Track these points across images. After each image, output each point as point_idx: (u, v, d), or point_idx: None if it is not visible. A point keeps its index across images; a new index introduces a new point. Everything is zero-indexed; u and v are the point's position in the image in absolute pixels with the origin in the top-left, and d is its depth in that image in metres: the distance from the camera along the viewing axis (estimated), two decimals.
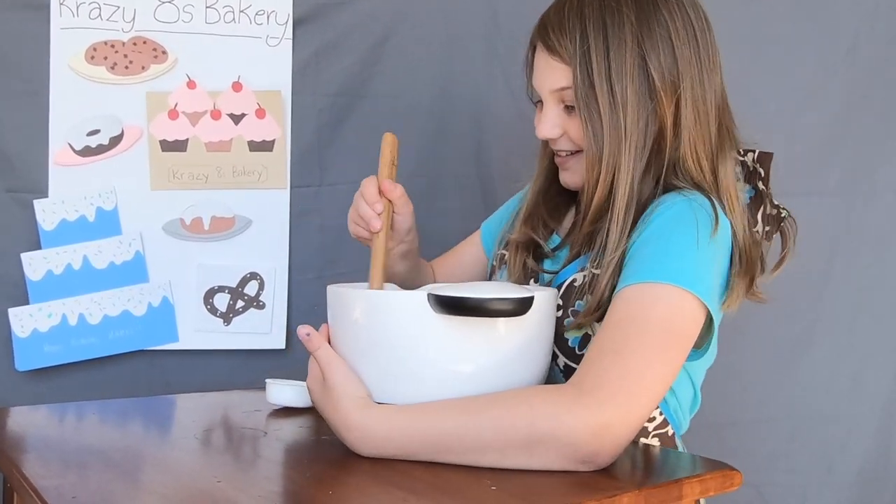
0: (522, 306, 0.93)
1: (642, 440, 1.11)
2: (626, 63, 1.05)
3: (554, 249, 1.19)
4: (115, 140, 1.50)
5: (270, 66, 1.54)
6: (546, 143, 1.18)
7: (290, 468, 0.99)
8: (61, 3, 1.47)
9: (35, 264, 1.47)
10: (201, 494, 0.85)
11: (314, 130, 1.57)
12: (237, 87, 1.52)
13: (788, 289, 1.66)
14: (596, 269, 1.06)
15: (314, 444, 1.07)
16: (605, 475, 0.93)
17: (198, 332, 1.54)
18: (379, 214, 1.12)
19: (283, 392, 1.21)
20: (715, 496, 0.94)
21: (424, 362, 0.96)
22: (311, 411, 1.20)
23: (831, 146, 1.69)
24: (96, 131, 1.49)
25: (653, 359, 0.94)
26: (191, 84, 1.51)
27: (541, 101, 1.14)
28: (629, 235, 1.04)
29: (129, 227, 1.51)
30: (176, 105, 1.50)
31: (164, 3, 1.51)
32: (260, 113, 1.53)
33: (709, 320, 1.02)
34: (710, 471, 0.93)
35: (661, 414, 1.11)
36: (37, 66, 1.47)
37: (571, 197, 1.22)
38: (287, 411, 1.20)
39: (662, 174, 1.08)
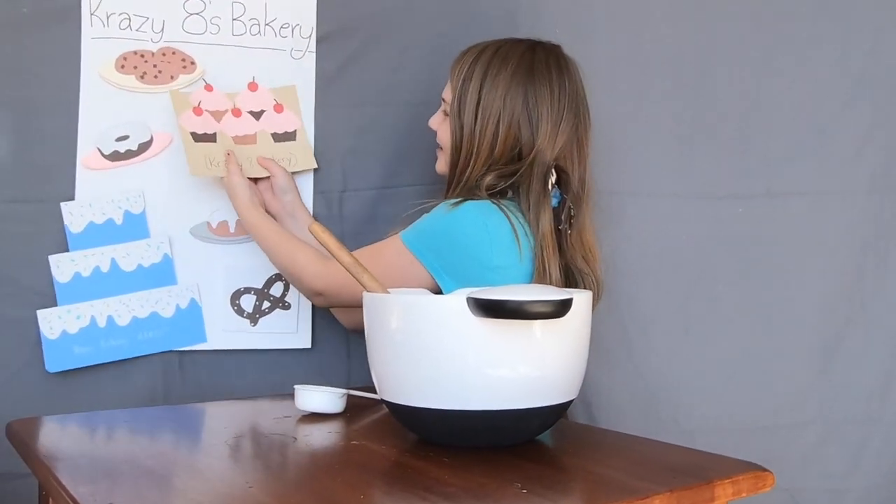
0: (562, 308, 0.93)
1: None
2: (493, 104, 1.38)
3: None
4: (144, 146, 1.51)
5: (294, 77, 1.56)
6: None
7: (320, 473, 0.99)
8: (92, 14, 1.49)
9: (63, 267, 1.48)
10: (234, 500, 0.86)
11: (338, 139, 1.59)
12: (252, 86, 1.55)
13: (820, 290, 1.65)
14: None
15: (344, 449, 1.08)
16: (638, 476, 0.93)
17: (225, 332, 1.55)
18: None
19: (312, 398, 1.21)
20: (747, 498, 0.94)
21: (464, 366, 0.97)
22: (340, 417, 1.21)
23: (857, 144, 1.67)
24: (125, 137, 1.51)
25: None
26: (208, 87, 1.53)
27: None
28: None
29: (156, 230, 1.52)
30: (199, 103, 1.52)
31: (192, 14, 1.52)
32: (278, 108, 1.56)
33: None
34: (743, 472, 0.93)
35: None
36: (67, 75, 1.48)
37: None
38: (316, 417, 1.21)
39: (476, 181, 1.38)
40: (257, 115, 1.55)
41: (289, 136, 1.56)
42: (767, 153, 1.65)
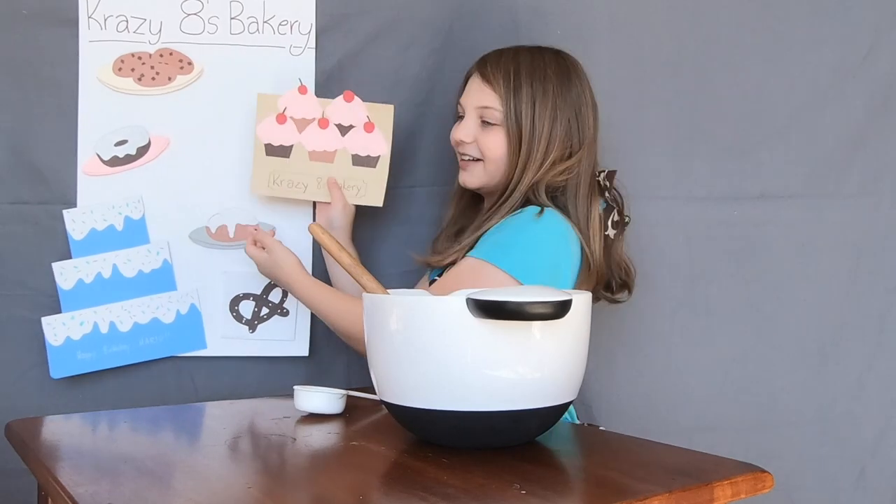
0: (561, 309, 0.94)
1: None
2: (546, 109, 1.39)
3: None
4: (143, 150, 1.52)
5: (295, 75, 1.54)
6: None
7: (319, 474, 0.99)
8: (89, 17, 1.49)
9: (66, 273, 1.49)
10: (233, 501, 0.86)
11: None
12: (349, 96, 1.51)
13: (815, 291, 1.66)
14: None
15: (343, 450, 1.08)
16: (637, 477, 0.93)
17: (225, 338, 1.55)
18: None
19: (311, 399, 1.21)
20: (746, 499, 0.94)
21: (463, 367, 0.97)
22: (338, 418, 1.21)
23: (851, 148, 1.68)
24: (124, 142, 1.51)
25: None
26: (302, 89, 1.51)
27: (461, 117, 1.47)
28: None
29: (156, 236, 1.52)
30: (285, 109, 1.50)
31: (189, 15, 1.52)
32: (369, 126, 1.51)
33: None
34: (742, 473, 0.93)
35: None
36: (66, 79, 1.48)
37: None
38: (315, 418, 1.21)
39: (532, 190, 1.39)
40: (345, 129, 1.51)
41: (370, 162, 1.52)
42: (763, 156, 1.66)
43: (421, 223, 1.61)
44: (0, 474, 1.43)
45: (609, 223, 1.43)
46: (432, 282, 1.46)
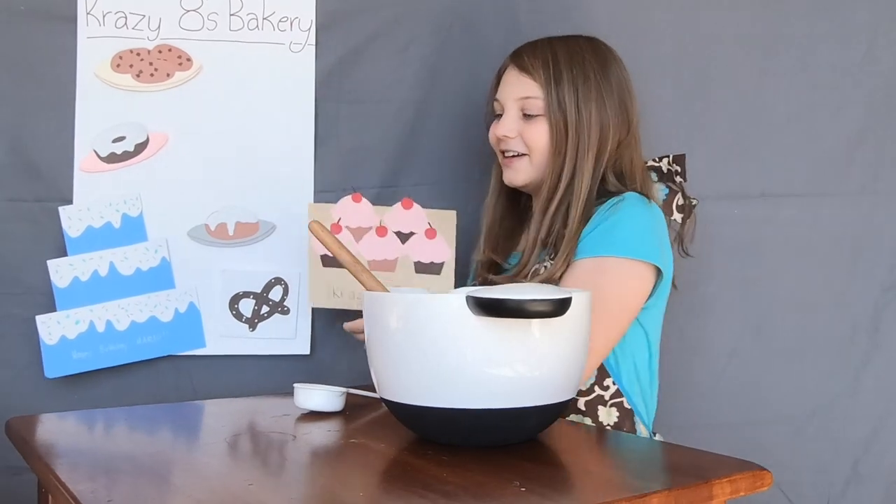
0: (560, 307, 0.94)
1: (601, 408, 1.31)
2: (590, 93, 1.36)
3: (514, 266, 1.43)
4: (141, 147, 1.52)
5: (294, 71, 1.55)
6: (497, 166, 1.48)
7: (320, 471, 1.00)
8: (88, 13, 1.49)
9: (62, 271, 1.48)
10: (233, 498, 0.86)
11: (337, 135, 1.58)
12: (407, 203, 1.46)
13: (812, 290, 1.67)
14: (552, 259, 1.33)
15: (343, 447, 1.08)
16: (636, 475, 0.93)
17: (224, 337, 1.54)
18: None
19: (311, 397, 1.21)
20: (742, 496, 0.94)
21: (463, 364, 0.97)
22: (338, 415, 1.21)
23: (850, 147, 1.68)
24: (122, 138, 1.51)
25: (603, 327, 1.20)
26: (356, 197, 1.46)
27: (498, 116, 1.43)
28: (582, 229, 1.31)
29: (154, 234, 1.52)
30: (339, 220, 1.45)
31: (189, 11, 1.52)
32: (430, 233, 1.45)
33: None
34: (741, 471, 0.93)
35: (614, 384, 1.33)
36: (64, 76, 1.48)
37: (522, 220, 1.49)
38: (315, 416, 1.21)
39: (598, 182, 1.36)
40: (405, 237, 1.46)
41: (433, 268, 1.46)
42: (763, 155, 1.66)
43: None
44: (5, 472, 1.42)
45: (674, 207, 1.42)
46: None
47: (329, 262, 1.43)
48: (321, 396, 1.21)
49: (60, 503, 0.87)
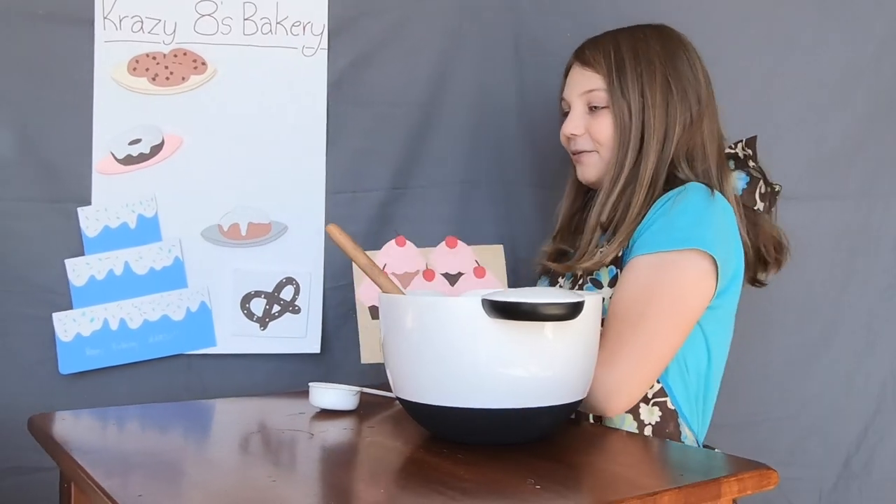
0: (574, 310, 0.96)
1: (642, 405, 1.26)
2: (655, 79, 1.32)
3: None
4: (156, 149, 1.54)
5: (306, 75, 1.57)
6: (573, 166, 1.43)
7: (338, 468, 1.01)
8: (105, 17, 1.51)
9: (78, 270, 1.50)
10: (257, 493, 0.88)
11: (349, 138, 1.60)
12: (451, 242, 1.41)
13: (808, 289, 1.69)
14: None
15: (360, 445, 1.10)
16: (647, 474, 0.95)
17: (235, 336, 1.56)
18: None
19: (326, 395, 1.23)
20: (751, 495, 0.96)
21: (477, 365, 0.99)
22: (353, 414, 1.23)
23: (852, 149, 1.70)
24: (137, 140, 1.53)
25: (660, 325, 1.20)
26: (400, 240, 1.42)
27: (566, 114, 1.40)
28: (643, 217, 1.27)
29: (168, 234, 1.54)
30: (385, 266, 1.40)
31: (203, 16, 1.54)
32: (479, 272, 1.41)
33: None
34: (748, 470, 0.95)
35: (658, 381, 1.27)
36: (81, 79, 1.50)
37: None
38: (330, 414, 1.22)
39: (666, 168, 1.31)
40: (453, 278, 1.41)
41: None
42: (763, 157, 1.68)
43: (432, 222, 1.62)
44: (16, 471, 1.45)
45: (756, 196, 1.38)
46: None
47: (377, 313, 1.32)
48: (337, 395, 1.23)
49: (89, 498, 0.89)
